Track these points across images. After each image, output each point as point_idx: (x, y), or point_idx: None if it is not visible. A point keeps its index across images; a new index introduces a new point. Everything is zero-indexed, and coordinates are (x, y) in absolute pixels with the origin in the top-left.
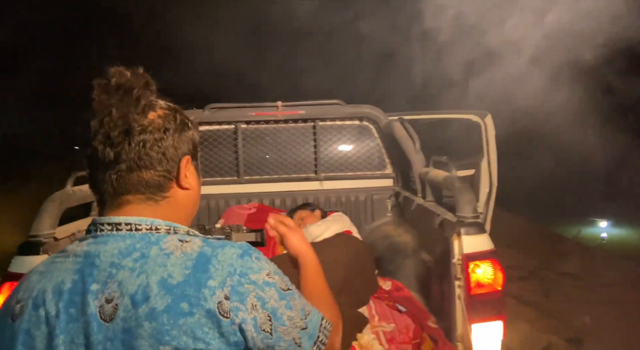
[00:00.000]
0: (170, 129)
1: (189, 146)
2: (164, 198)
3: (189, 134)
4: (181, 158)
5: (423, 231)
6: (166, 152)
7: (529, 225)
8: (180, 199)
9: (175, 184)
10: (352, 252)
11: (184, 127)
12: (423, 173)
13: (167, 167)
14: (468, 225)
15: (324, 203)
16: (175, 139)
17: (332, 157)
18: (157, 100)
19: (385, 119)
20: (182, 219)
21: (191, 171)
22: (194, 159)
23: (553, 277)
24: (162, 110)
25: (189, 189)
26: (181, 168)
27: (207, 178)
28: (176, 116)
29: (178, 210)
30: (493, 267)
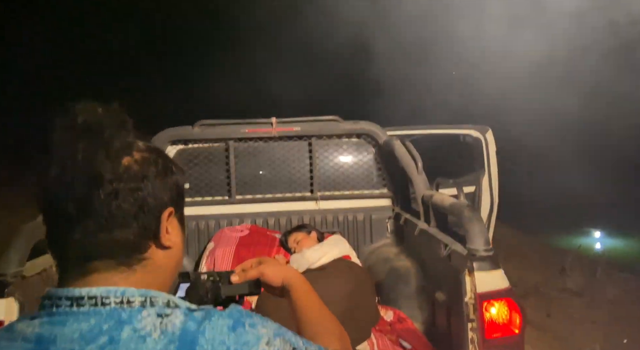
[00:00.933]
0: (149, 176)
1: (172, 194)
2: (140, 261)
3: (172, 179)
4: (162, 210)
5: (428, 259)
6: (144, 205)
7: (527, 238)
8: (159, 260)
9: (154, 243)
10: (353, 283)
11: (166, 173)
12: (427, 196)
13: (144, 222)
14: (481, 260)
15: (321, 223)
16: (155, 187)
17: (328, 175)
18: (136, 141)
19: (384, 136)
20: (162, 284)
21: (174, 225)
22: (177, 209)
23: (554, 293)
24: (139, 153)
25: (171, 247)
26: (162, 222)
27: (197, 198)
28: (157, 160)
29: (157, 274)
30: (510, 307)
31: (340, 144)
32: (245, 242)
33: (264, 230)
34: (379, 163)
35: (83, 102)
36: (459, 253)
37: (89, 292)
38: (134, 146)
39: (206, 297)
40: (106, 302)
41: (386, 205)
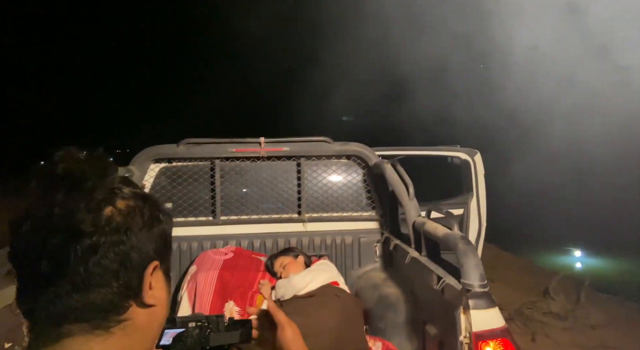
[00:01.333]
0: (133, 227)
1: (158, 246)
2: (119, 323)
3: (159, 229)
4: (147, 265)
5: (419, 289)
6: (126, 261)
7: (511, 258)
8: (141, 320)
9: (135, 302)
10: (340, 313)
11: (152, 223)
12: (418, 223)
13: (125, 280)
14: (477, 297)
15: (308, 246)
16: (139, 240)
17: (317, 196)
18: (121, 188)
19: (374, 158)
20: (143, 346)
21: (159, 279)
22: (163, 261)
23: (539, 317)
24: (124, 202)
25: (155, 304)
26: (145, 278)
27: (180, 218)
28: (143, 209)
29: (138, 336)
30: (505, 347)
31: (329, 165)
32: (229, 266)
33: (248, 252)
34: (369, 185)
35: (64, 148)
36: (453, 287)
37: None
38: (118, 194)
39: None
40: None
41: (375, 228)
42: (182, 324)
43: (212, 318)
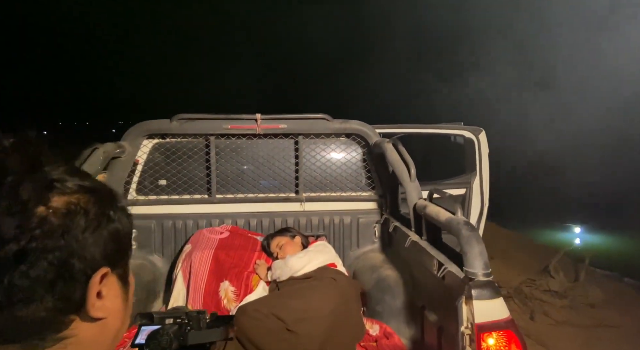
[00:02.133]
0: (74, 229)
1: (109, 249)
2: (58, 341)
3: (110, 229)
4: (92, 273)
5: (418, 273)
6: (64, 269)
7: (511, 235)
8: (88, 336)
9: (78, 316)
10: (337, 297)
11: (100, 222)
12: (420, 206)
13: (64, 292)
14: (480, 287)
15: (305, 226)
16: (83, 244)
17: (315, 176)
18: (63, 181)
19: (375, 137)
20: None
21: (112, 286)
22: (117, 266)
23: (538, 295)
24: (63, 198)
25: (105, 317)
26: (90, 289)
27: (174, 196)
28: (88, 205)
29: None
30: (509, 340)
31: (328, 143)
32: (224, 245)
33: (245, 232)
34: (369, 164)
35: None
36: (455, 275)
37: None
38: (56, 189)
39: (169, 348)
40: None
41: (374, 208)
42: (159, 320)
43: (193, 314)
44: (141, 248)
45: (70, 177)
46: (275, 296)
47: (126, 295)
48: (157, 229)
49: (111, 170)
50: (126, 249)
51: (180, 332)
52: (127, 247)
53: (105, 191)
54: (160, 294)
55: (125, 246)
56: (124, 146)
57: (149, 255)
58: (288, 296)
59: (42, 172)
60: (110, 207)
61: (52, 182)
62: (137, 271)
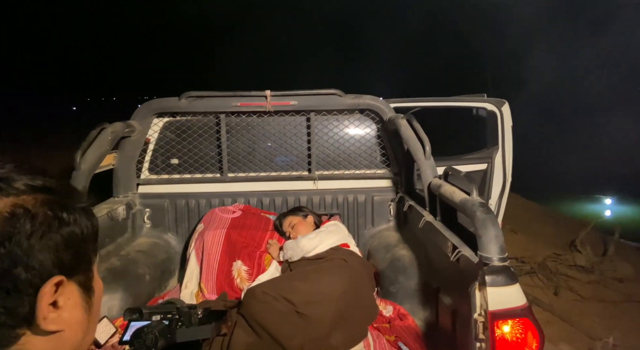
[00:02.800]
0: (17, 235)
1: (63, 255)
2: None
3: (63, 233)
4: (42, 283)
5: (433, 254)
6: (5, 280)
7: (537, 208)
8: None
9: (29, 330)
10: (348, 279)
11: (50, 226)
12: (434, 186)
13: (7, 305)
14: (495, 273)
15: (319, 204)
16: (29, 250)
17: (328, 153)
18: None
19: (389, 112)
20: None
21: (70, 295)
22: (76, 273)
23: (563, 270)
24: (7, 200)
25: (60, 330)
26: (40, 300)
27: (186, 175)
28: (35, 208)
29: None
30: (525, 328)
31: (341, 120)
32: (237, 224)
33: (257, 211)
34: (383, 141)
35: None
36: (469, 260)
37: None
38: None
39: (154, 347)
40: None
41: (389, 186)
42: (148, 316)
43: (184, 310)
44: (155, 227)
45: (18, 176)
46: (284, 279)
47: (88, 304)
48: (170, 208)
49: (122, 149)
50: (87, 254)
51: (169, 329)
52: (87, 251)
53: (60, 191)
54: (175, 272)
55: (86, 251)
56: (133, 125)
57: (163, 234)
58: (297, 279)
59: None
60: (64, 208)
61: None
62: (152, 250)
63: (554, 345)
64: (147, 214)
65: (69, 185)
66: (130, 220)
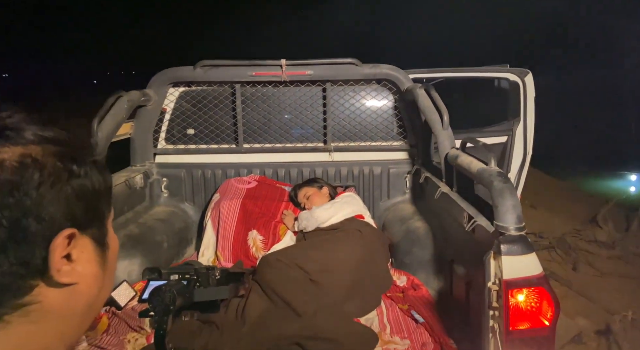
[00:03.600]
0: (26, 185)
1: (74, 208)
2: (17, 308)
3: (74, 185)
4: (53, 234)
5: (448, 226)
6: (17, 230)
7: (558, 183)
8: (54, 304)
9: (42, 281)
10: (362, 249)
11: (60, 177)
12: (452, 156)
13: (19, 255)
14: (510, 242)
15: (334, 176)
16: (38, 201)
17: (344, 125)
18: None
19: (407, 82)
20: (63, 334)
21: (83, 249)
22: (88, 227)
23: (583, 245)
24: (14, 149)
25: (74, 282)
26: (53, 252)
27: (202, 146)
28: (44, 158)
29: (52, 324)
30: (540, 297)
31: (357, 91)
32: (252, 195)
33: (272, 182)
34: (400, 112)
35: None
36: (485, 229)
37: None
38: (6, 139)
39: (172, 305)
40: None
41: (406, 158)
42: (166, 275)
43: (202, 271)
44: (172, 196)
45: (28, 126)
46: (298, 247)
47: (103, 259)
48: (187, 178)
49: (138, 119)
50: (100, 208)
51: (187, 288)
52: (100, 206)
53: (70, 143)
54: (192, 240)
55: (98, 205)
56: (149, 94)
57: (180, 203)
58: (311, 248)
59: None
60: (74, 160)
61: (3, 130)
62: (170, 218)
63: (571, 319)
64: (165, 183)
65: (80, 138)
66: (148, 189)
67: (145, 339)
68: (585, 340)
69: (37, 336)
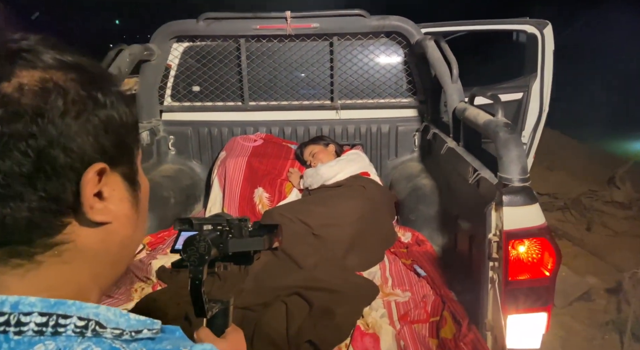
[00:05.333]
0: (50, 112)
1: (103, 141)
2: (49, 247)
3: (101, 116)
4: (83, 168)
5: (454, 182)
6: (44, 161)
7: (575, 144)
8: (88, 243)
9: (75, 218)
10: (365, 205)
11: (86, 105)
12: (459, 110)
13: (48, 189)
14: (513, 193)
15: (341, 135)
16: (64, 131)
17: (351, 81)
18: (36, 53)
19: (418, 35)
20: (92, 281)
21: (115, 186)
22: (120, 163)
23: (599, 206)
24: (35, 73)
25: (108, 221)
26: (84, 186)
27: (208, 103)
28: (67, 84)
29: (85, 265)
30: (542, 248)
31: (365, 45)
32: (258, 153)
33: (279, 140)
34: (410, 67)
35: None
36: (488, 181)
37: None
38: (24, 62)
39: (208, 255)
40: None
41: (415, 116)
42: (198, 226)
43: (234, 222)
44: (179, 154)
45: (45, 49)
46: (301, 203)
47: (135, 199)
48: (194, 136)
49: (143, 74)
50: (129, 143)
51: (220, 239)
52: (129, 140)
53: (92, 70)
54: (200, 198)
55: (127, 139)
56: (152, 49)
57: (187, 161)
58: (314, 203)
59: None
60: (98, 89)
61: (19, 52)
62: (177, 175)
63: (581, 277)
64: (172, 141)
65: (102, 67)
66: (155, 146)
67: (151, 288)
68: (595, 298)
69: (70, 277)
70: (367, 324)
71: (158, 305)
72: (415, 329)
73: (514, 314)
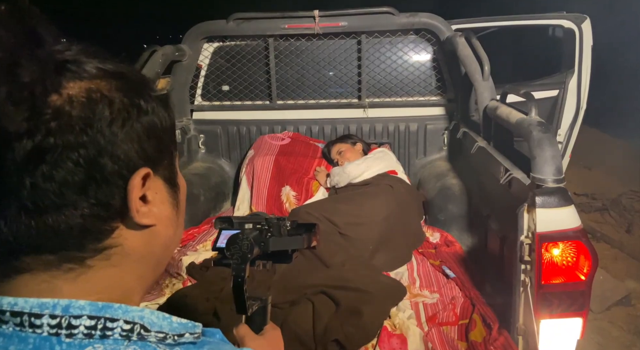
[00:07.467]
0: (97, 122)
1: (146, 146)
2: (99, 252)
3: (144, 123)
4: (129, 174)
5: (484, 182)
6: (94, 170)
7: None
8: (135, 246)
9: (122, 223)
10: (392, 204)
11: (129, 114)
12: (490, 108)
13: (98, 197)
14: (546, 194)
15: (369, 133)
16: (111, 139)
17: (379, 79)
18: (79, 63)
19: (448, 32)
20: (141, 277)
21: (157, 190)
22: (160, 166)
23: (638, 207)
24: (80, 84)
25: (153, 224)
26: (131, 192)
27: (237, 102)
28: (112, 94)
29: (133, 266)
30: (577, 251)
31: (394, 43)
32: (285, 151)
33: (306, 138)
34: (439, 65)
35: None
36: (521, 182)
37: (12, 304)
38: (70, 73)
39: (250, 253)
40: (37, 323)
41: (444, 114)
42: (238, 225)
43: (273, 220)
44: (209, 152)
45: (87, 59)
46: (328, 201)
47: (175, 200)
48: (223, 134)
49: (174, 74)
50: (169, 147)
51: (261, 237)
52: (169, 143)
53: (133, 77)
54: (228, 195)
55: (167, 143)
56: (183, 49)
57: (216, 159)
58: (341, 201)
59: (47, 50)
60: (140, 96)
61: (65, 63)
62: (207, 173)
63: (620, 281)
64: (202, 139)
65: (141, 73)
66: (186, 144)
67: (182, 284)
68: (634, 303)
69: (119, 279)
70: (395, 324)
71: (188, 301)
72: (443, 331)
73: (547, 319)
